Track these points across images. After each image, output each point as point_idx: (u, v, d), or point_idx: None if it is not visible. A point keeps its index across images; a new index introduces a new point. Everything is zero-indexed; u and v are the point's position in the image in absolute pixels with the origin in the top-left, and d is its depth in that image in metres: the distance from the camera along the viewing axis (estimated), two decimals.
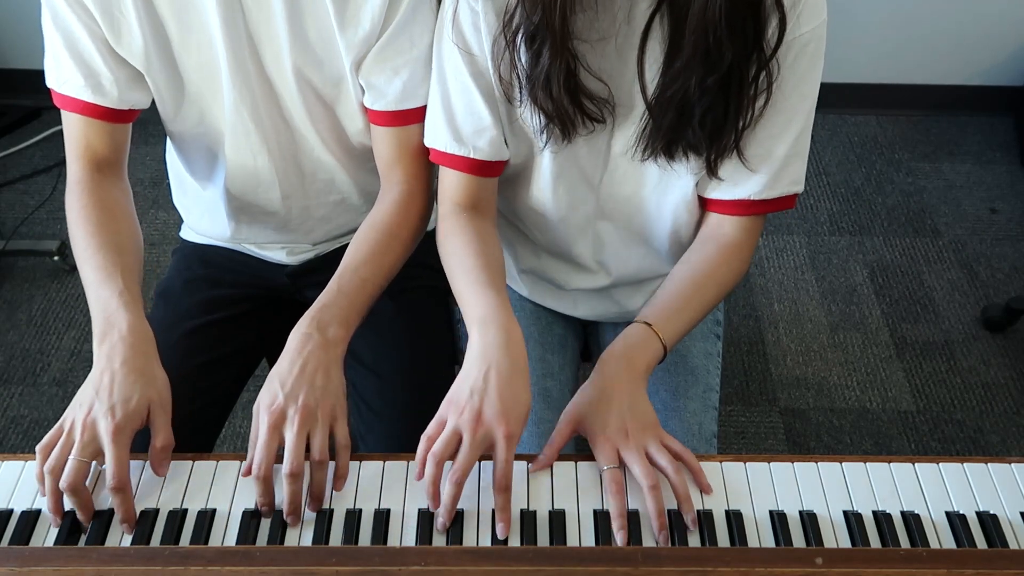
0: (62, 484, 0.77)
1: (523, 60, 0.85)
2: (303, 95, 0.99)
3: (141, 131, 2.56)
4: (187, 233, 1.26)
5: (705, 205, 0.98)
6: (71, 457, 0.78)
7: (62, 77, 0.96)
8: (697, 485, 0.82)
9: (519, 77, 0.86)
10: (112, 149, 1.01)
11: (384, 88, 0.96)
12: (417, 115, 0.98)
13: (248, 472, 0.79)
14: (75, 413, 0.81)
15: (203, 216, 1.20)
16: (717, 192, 0.94)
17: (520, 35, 0.83)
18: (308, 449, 0.81)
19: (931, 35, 2.55)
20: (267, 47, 0.95)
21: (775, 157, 0.90)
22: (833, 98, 2.68)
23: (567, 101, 0.85)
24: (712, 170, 0.91)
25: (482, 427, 0.78)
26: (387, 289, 1.16)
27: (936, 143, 2.62)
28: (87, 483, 0.79)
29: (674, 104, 0.83)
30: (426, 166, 1.01)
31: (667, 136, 0.87)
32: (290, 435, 0.79)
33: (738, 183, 0.92)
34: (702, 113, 0.83)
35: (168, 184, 1.25)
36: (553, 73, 0.83)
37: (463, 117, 0.93)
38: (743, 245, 0.97)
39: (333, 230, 1.18)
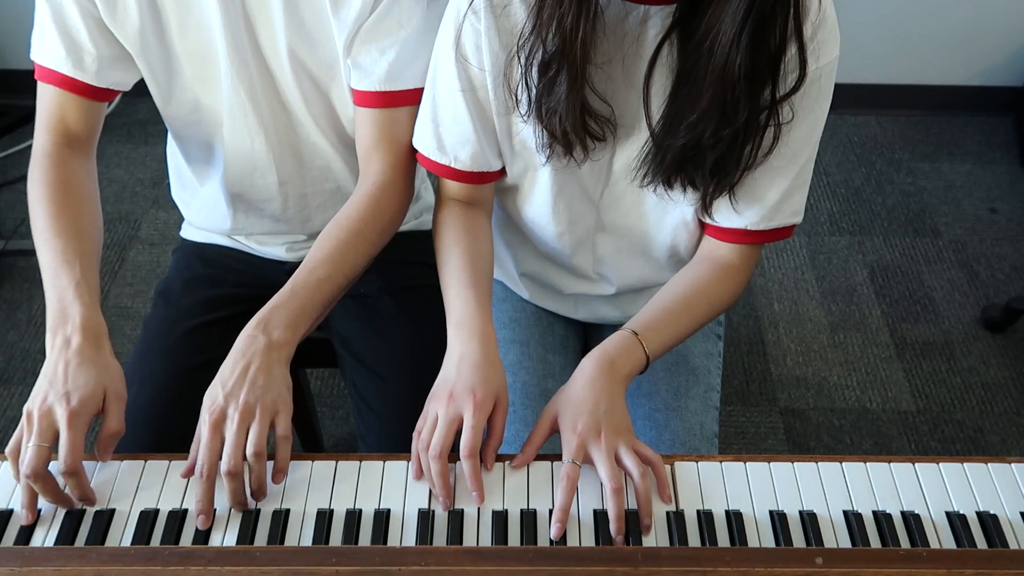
0: (23, 471, 0.76)
1: (536, 83, 0.83)
2: (298, 78, 0.99)
3: (141, 131, 2.56)
4: (187, 232, 1.27)
5: (703, 228, 0.99)
6: (31, 444, 0.78)
7: (44, 49, 0.97)
8: (659, 494, 0.80)
9: (529, 98, 0.85)
10: (85, 126, 1.00)
11: (370, 68, 0.95)
12: (402, 98, 0.97)
13: (188, 472, 0.80)
14: (31, 404, 0.81)
15: (201, 209, 1.20)
16: (715, 220, 0.95)
17: (535, 63, 0.81)
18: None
19: (931, 35, 2.55)
20: (263, 27, 0.96)
21: (776, 191, 0.91)
22: (833, 98, 2.67)
23: (573, 124, 0.85)
24: (707, 208, 0.91)
25: (453, 403, 0.82)
26: (388, 288, 1.16)
27: (936, 143, 2.62)
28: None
29: (686, 150, 0.83)
30: (407, 156, 1.01)
31: (669, 172, 0.87)
32: (229, 434, 0.79)
33: (738, 212, 0.93)
34: (714, 160, 0.84)
35: (168, 184, 1.26)
36: (569, 102, 0.82)
37: (448, 128, 0.93)
38: (739, 269, 0.97)
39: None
